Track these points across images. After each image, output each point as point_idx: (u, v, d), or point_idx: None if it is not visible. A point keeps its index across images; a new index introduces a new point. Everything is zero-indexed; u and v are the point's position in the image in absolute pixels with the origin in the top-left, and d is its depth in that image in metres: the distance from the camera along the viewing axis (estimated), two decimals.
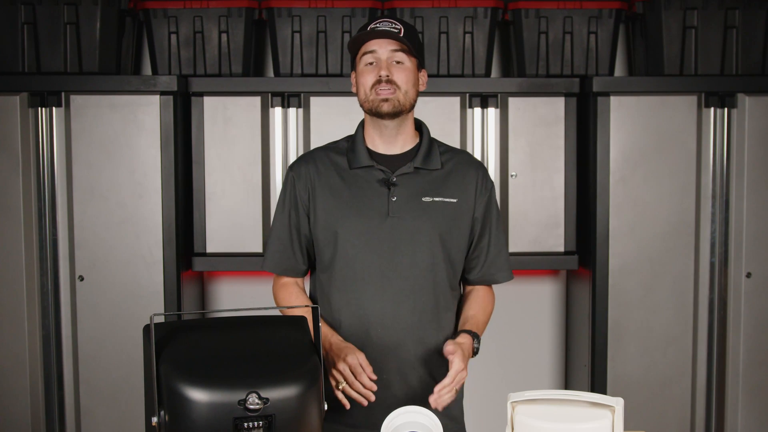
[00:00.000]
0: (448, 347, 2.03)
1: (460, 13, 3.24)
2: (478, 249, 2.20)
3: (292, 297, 2.22)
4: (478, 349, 2.13)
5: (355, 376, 2.00)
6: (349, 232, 2.11)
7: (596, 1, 3.26)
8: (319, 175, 2.15)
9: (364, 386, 1.99)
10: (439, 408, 1.99)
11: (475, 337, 2.13)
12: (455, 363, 2.01)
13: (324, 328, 2.11)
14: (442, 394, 1.99)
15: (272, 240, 2.21)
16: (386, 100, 2.07)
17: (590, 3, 3.26)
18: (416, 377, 2.14)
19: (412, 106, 2.14)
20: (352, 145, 2.17)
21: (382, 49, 2.07)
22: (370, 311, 2.11)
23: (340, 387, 2.01)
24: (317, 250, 2.18)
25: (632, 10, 3.35)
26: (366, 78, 2.09)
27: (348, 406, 2.02)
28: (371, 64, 2.09)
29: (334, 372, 2.03)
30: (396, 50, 2.07)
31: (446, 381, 2.00)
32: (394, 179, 2.11)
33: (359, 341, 2.11)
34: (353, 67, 2.16)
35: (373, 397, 2.01)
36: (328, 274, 2.16)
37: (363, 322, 2.11)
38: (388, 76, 2.06)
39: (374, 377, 2.01)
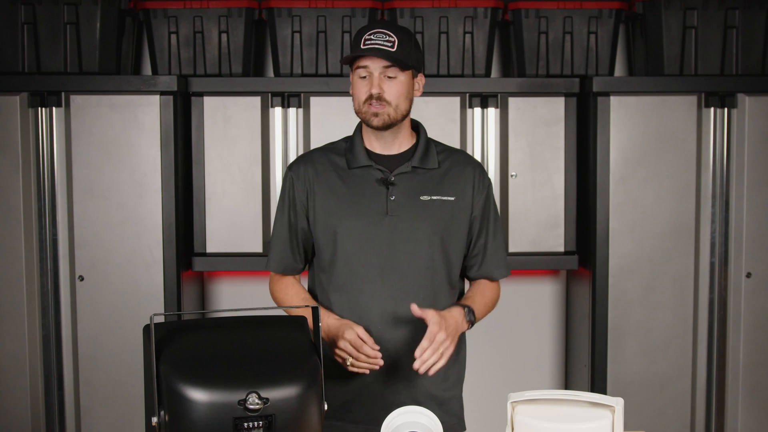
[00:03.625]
0: (417, 310, 2.02)
1: (460, 13, 3.23)
2: (476, 248, 2.23)
3: (291, 292, 2.23)
4: (470, 322, 2.13)
5: (358, 349, 2.03)
6: (349, 232, 2.13)
7: (596, 1, 3.26)
8: (317, 176, 2.18)
9: (369, 356, 2.02)
10: (430, 373, 1.99)
11: (465, 307, 2.13)
12: (430, 327, 2.00)
13: (320, 312, 2.12)
14: (424, 358, 1.98)
15: (274, 240, 2.25)
16: (376, 114, 2.10)
17: (590, 3, 3.26)
18: (415, 374, 2.11)
19: (405, 116, 2.15)
20: (350, 146, 2.20)
21: (374, 65, 2.09)
22: (370, 310, 2.14)
23: (349, 363, 2.04)
24: (317, 250, 2.21)
25: (632, 10, 3.35)
26: (359, 91, 2.12)
27: (376, 367, 2.03)
28: (364, 77, 2.11)
29: (338, 351, 2.06)
30: (388, 66, 2.09)
31: (424, 344, 1.98)
32: (392, 178, 2.14)
33: None
34: (351, 68, 2.17)
35: (381, 363, 2.03)
36: (328, 273, 2.18)
37: (362, 320, 2.12)
38: (379, 93, 2.08)
39: (376, 347, 2.03)
